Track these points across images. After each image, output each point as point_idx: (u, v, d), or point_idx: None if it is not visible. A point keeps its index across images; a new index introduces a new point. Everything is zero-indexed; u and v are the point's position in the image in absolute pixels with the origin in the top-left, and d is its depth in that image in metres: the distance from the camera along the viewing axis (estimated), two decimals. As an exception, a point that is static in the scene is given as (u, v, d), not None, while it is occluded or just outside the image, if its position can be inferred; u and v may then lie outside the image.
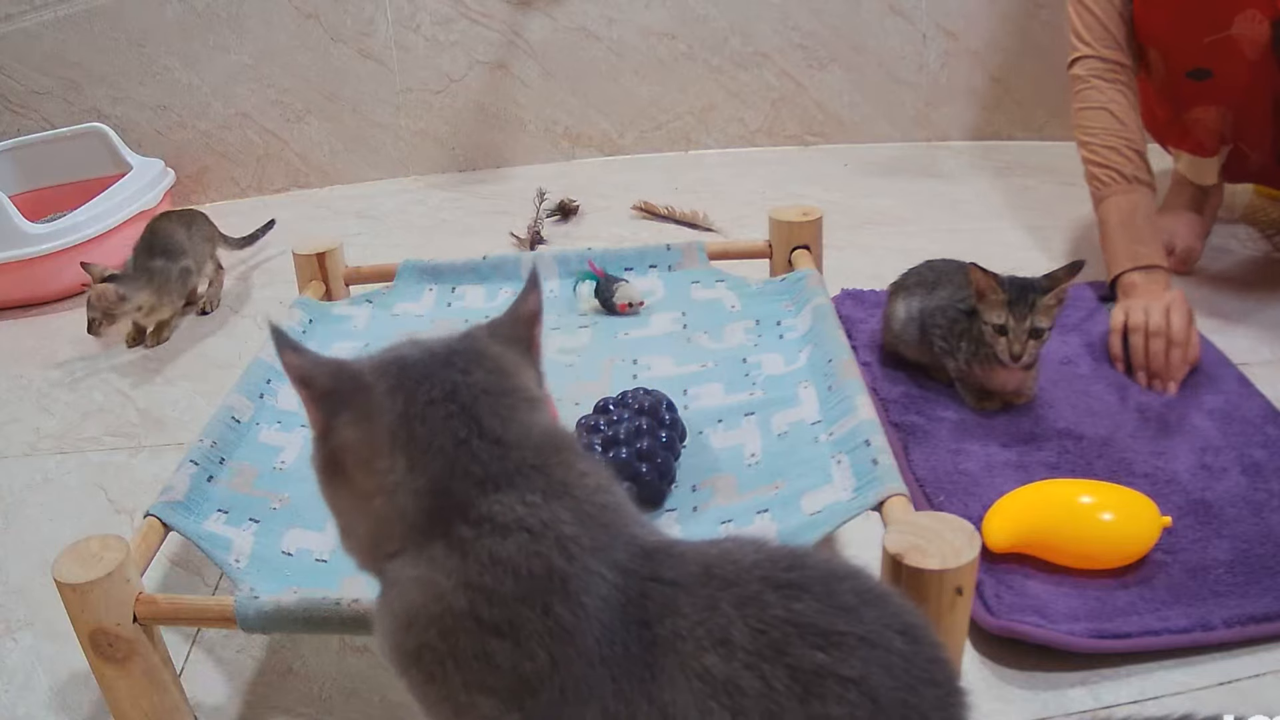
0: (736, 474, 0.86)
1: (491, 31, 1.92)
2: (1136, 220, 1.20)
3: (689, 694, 0.46)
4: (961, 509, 0.93)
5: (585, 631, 0.47)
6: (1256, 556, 0.85)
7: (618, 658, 0.47)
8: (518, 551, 0.48)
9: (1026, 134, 1.95)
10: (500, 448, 0.50)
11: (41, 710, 0.84)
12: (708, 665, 0.46)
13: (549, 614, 0.47)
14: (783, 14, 1.90)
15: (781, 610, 0.47)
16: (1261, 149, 1.31)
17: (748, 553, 0.50)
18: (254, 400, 0.99)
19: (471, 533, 0.49)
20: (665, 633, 0.47)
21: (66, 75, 1.89)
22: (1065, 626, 0.79)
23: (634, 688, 0.47)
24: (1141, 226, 1.20)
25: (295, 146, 1.99)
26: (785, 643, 0.46)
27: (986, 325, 1.03)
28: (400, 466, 0.50)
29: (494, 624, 0.47)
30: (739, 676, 0.45)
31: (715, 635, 0.46)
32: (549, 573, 0.48)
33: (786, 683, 0.45)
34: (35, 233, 1.55)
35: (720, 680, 0.46)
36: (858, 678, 0.45)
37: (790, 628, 0.46)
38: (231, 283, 1.63)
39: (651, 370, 1.03)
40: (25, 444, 1.23)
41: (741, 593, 0.48)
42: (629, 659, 0.47)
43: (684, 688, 0.46)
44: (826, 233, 1.18)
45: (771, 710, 0.45)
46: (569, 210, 1.75)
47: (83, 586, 0.68)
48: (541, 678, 0.47)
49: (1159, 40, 1.25)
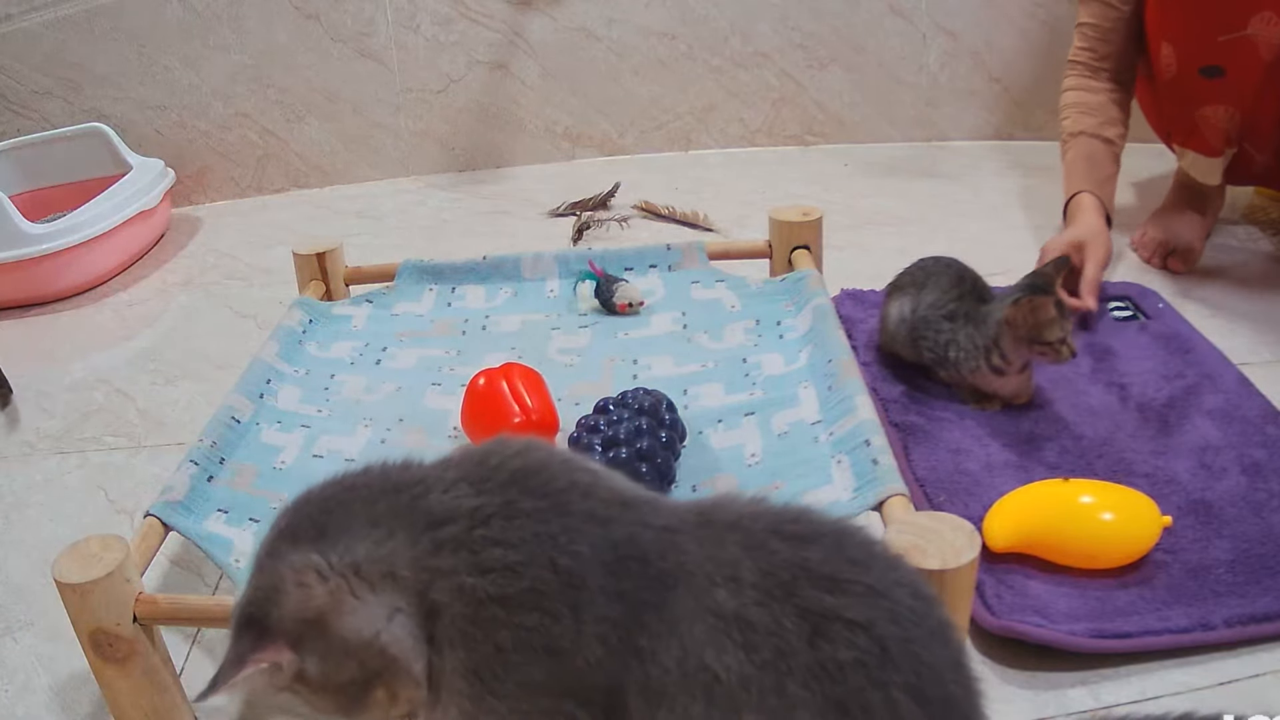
0: (737, 474, 0.86)
1: (491, 31, 1.92)
2: (1077, 163, 1.36)
3: (703, 627, 0.46)
4: (961, 509, 0.93)
5: (592, 573, 0.48)
6: (1257, 556, 0.85)
7: (627, 593, 0.47)
8: (504, 533, 0.49)
9: (1026, 134, 1.95)
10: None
11: (41, 710, 0.84)
12: (719, 599, 0.46)
13: (556, 569, 0.48)
14: (783, 14, 1.90)
15: (790, 555, 0.47)
16: (1268, 151, 1.32)
17: (743, 503, 0.51)
18: (254, 400, 0.99)
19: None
20: (670, 566, 0.48)
21: (66, 75, 1.89)
22: (1065, 626, 0.79)
23: (651, 620, 0.47)
24: (1080, 166, 1.35)
25: (295, 146, 1.99)
26: (794, 584, 0.46)
27: (1049, 344, 0.99)
28: None
29: (519, 600, 0.48)
30: (748, 612, 0.45)
31: (724, 571, 0.47)
32: (536, 538, 0.49)
33: (795, 621, 0.45)
34: (35, 233, 1.55)
35: (731, 615, 0.46)
36: (865, 622, 0.45)
37: (799, 570, 0.46)
38: (232, 282, 1.63)
39: (651, 370, 1.03)
40: (25, 444, 1.23)
41: (747, 538, 0.48)
42: (638, 595, 0.47)
43: (698, 620, 0.46)
44: (826, 233, 1.18)
45: (781, 649, 0.45)
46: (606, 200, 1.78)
47: (83, 586, 0.68)
48: (573, 641, 0.47)
49: (1173, 35, 1.25)
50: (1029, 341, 1.01)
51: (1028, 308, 0.99)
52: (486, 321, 1.16)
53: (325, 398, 1.03)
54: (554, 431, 0.91)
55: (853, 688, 0.44)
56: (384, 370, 1.08)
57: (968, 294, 1.08)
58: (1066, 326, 0.99)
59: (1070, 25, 1.53)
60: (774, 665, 0.44)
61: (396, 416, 0.99)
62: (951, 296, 1.08)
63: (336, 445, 0.95)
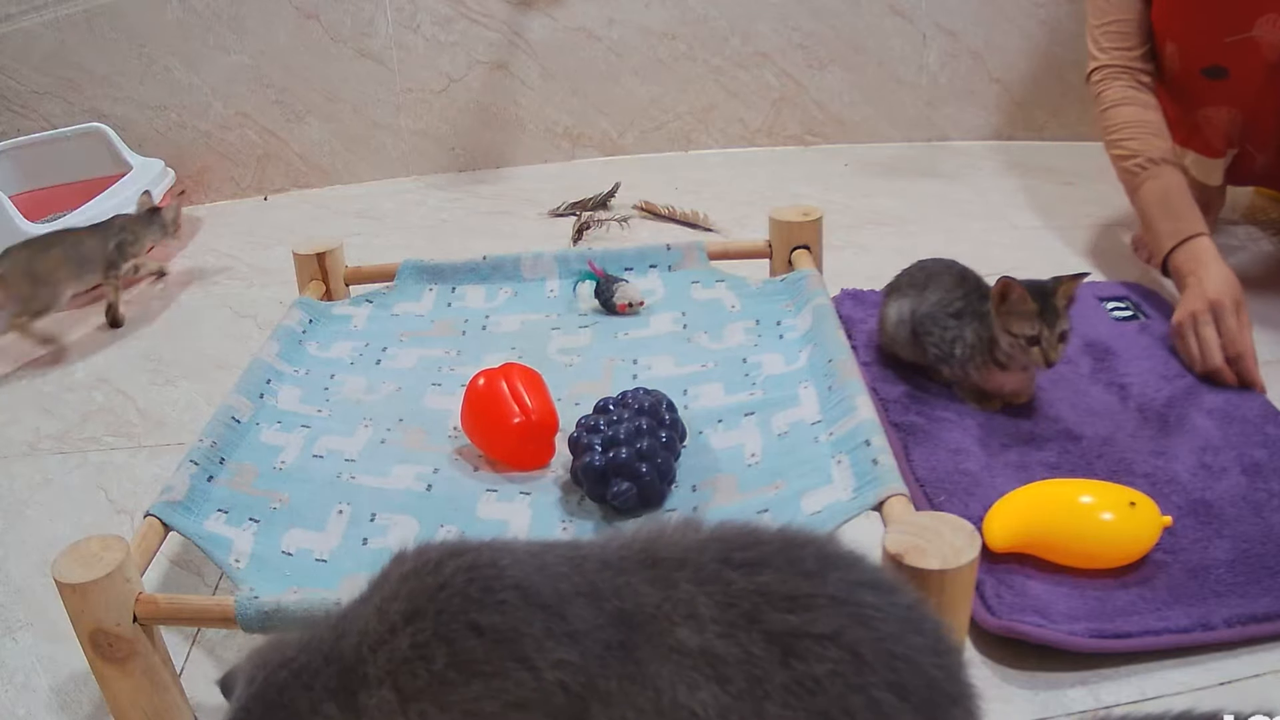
0: (737, 474, 0.86)
1: (491, 31, 1.92)
2: (1171, 199, 1.19)
3: (671, 667, 0.46)
4: (961, 509, 0.93)
5: (531, 620, 0.47)
6: (1257, 556, 0.85)
7: (580, 634, 0.47)
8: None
9: (1026, 134, 1.95)
10: None
11: (41, 710, 0.84)
12: (681, 638, 0.46)
13: (479, 631, 0.47)
14: (783, 14, 1.90)
15: (745, 583, 0.47)
16: (1269, 151, 1.32)
17: (688, 534, 0.50)
18: (254, 400, 0.99)
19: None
20: (628, 607, 0.47)
21: (66, 75, 1.89)
22: (1065, 626, 0.79)
23: (620, 665, 0.47)
24: (1176, 202, 1.19)
25: (295, 146, 1.99)
26: (755, 611, 0.46)
27: (1015, 337, 1.00)
28: None
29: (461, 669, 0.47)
30: (713, 646, 0.46)
31: (681, 611, 0.47)
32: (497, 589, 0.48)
33: (764, 647, 0.45)
34: (35, 233, 1.55)
35: (696, 651, 0.46)
36: (833, 633, 0.45)
37: (758, 597, 0.46)
38: (232, 282, 1.63)
39: (651, 370, 1.03)
40: (25, 444, 1.23)
41: (698, 573, 0.48)
42: (607, 639, 0.47)
43: (665, 661, 0.46)
44: (826, 233, 1.18)
45: (754, 675, 0.45)
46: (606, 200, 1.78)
47: (83, 586, 0.68)
48: (535, 691, 0.47)
49: (1177, 35, 1.25)
50: (1003, 329, 1.01)
51: (999, 287, 1.01)
52: (486, 321, 1.16)
53: (325, 398, 1.03)
54: (554, 432, 0.91)
55: (833, 697, 0.44)
56: (384, 370, 1.08)
57: (972, 293, 1.08)
58: (1045, 333, 0.99)
59: (1070, 25, 1.53)
60: (750, 692, 0.45)
61: (396, 416, 0.99)
62: (957, 295, 1.08)
63: (337, 445, 0.95)
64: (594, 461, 0.83)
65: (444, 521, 0.84)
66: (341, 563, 0.80)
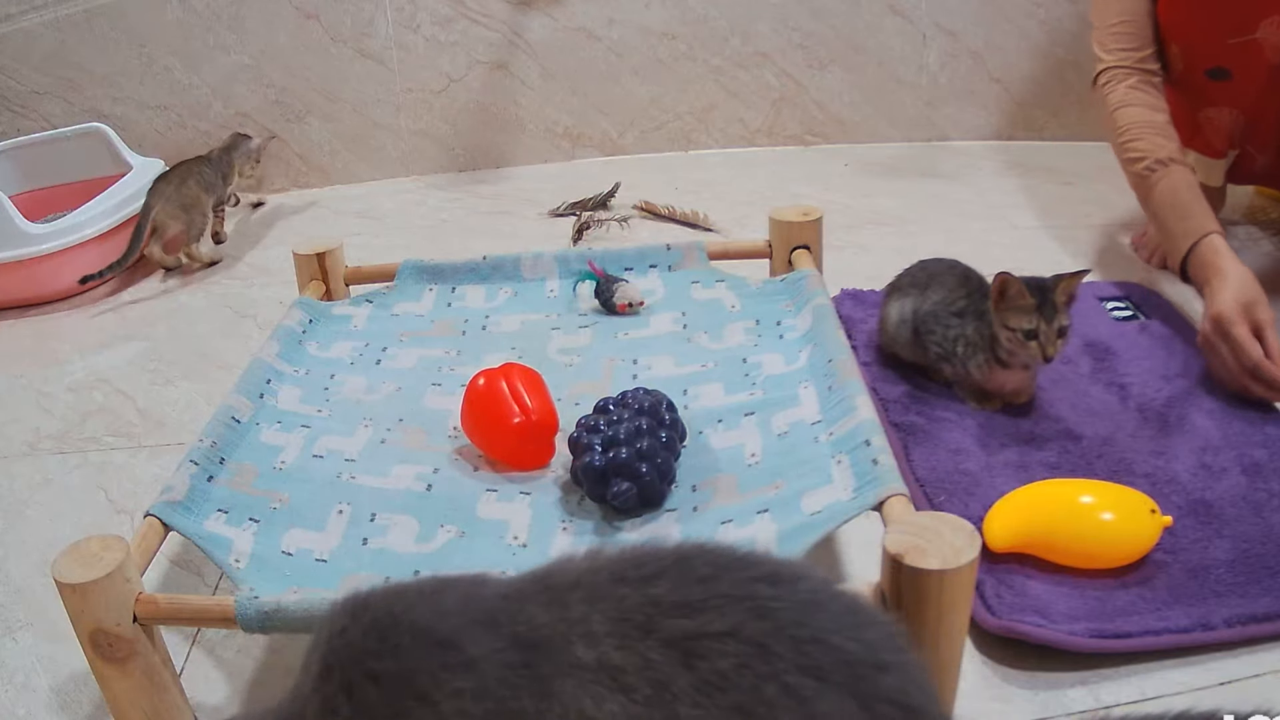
0: (737, 474, 0.86)
1: (491, 31, 1.92)
2: (1180, 198, 1.17)
3: (573, 683, 0.46)
4: (961, 509, 0.93)
5: (424, 655, 0.48)
6: (1257, 556, 0.85)
7: (479, 659, 0.47)
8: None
9: (1026, 134, 1.95)
10: None
11: (41, 710, 0.84)
12: (578, 654, 0.46)
13: (374, 678, 0.48)
14: (783, 14, 1.90)
15: (638, 597, 0.47)
16: (1269, 152, 1.32)
17: (585, 560, 0.51)
18: (254, 400, 0.98)
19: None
20: (523, 630, 0.48)
21: (66, 75, 1.89)
22: (1065, 626, 0.79)
23: (527, 684, 0.47)
24: (1187, 201, 1.16)
25: (295, 146, 1.99)
26: (648, 622, 0.46)
27: (1013, 331, 1.00)
28: None
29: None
30: (611, 658, 0.46)
31: (576, 630, 0.47)
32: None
33: (663, 652, 0.45)
34: (35, 233, 1.55)
35: (594, 665, 0.46)
36: (731, 629, 0.45)
37: (650, 608, 0.47)
38: (232, 282, 1.63)
39: (651, 370, 1.03)
40: (25, 444, 1.23)
41: (590, 593, 0.48)
42: (508, 660, 0.47)
43: (567, 678, 0.46)
44: (826, 233, 1.18)
45: (659, 680, 0.45)
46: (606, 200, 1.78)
47: (83, 586, 0.68)
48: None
49: (1181, 36, 1.24)
50: (1001, 325, 1.02)
51: (998, 282, 1.01)
52: (486, 321, 1.16)
53: (325, 398, 1.03)
54: (554, 431, 0.91)
55: (746, 690, 0.44)
56: (384, 370, 1.08)
57: (974, 292, 1.08)
58: (1043, 327, 0.99)
59: (1070, 25, 1.53)
60: (658, 697, 0.45)
61: (396, 416, 0.99)
62: (960, 294, 1.08)
63: (337, 445, 0.95)
64: (594, 461, 0.83)
65: (444, 521, 0.84)
66: (341, 563, 0.80)
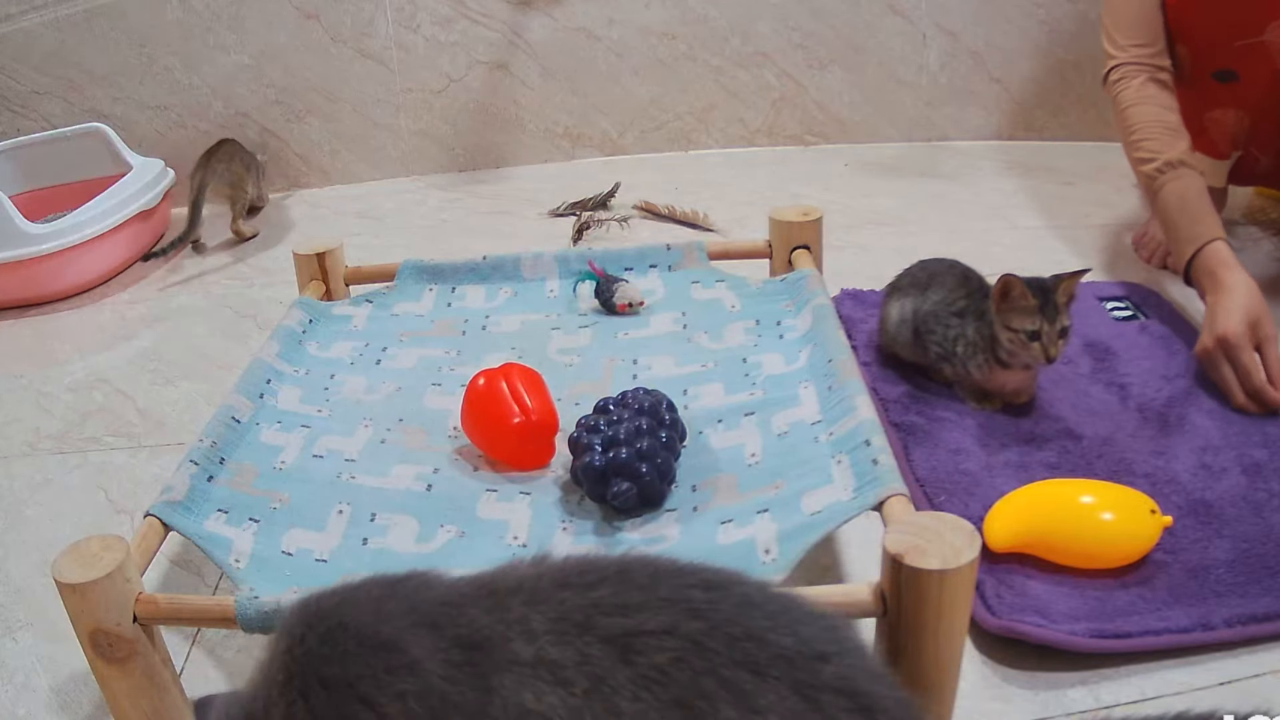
0: (737, 474, 0.86)
1: (491, 31, 1.92)
2: (1188, 201, 1.16)
3: (511, 677, 0.47)
4: (961, 509, 0.93)
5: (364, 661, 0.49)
6: (1257, 556, 0.85)
7: (434, 657, 0.48)
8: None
9: (1026, 134, 1.95)
10: None
11: (41, 710, 0.84)
12: (516, 650, 0.47)
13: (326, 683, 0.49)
14: (783, 14, 1.90)
15: (578, 600, 0.48)
16: (1272, 153, 1.31)
17: (529, 568, 0.52)
18: (254, 400, 0.99)
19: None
20: (464, 632, 0.49)
21: (66, 75, 1.89)
22: (1065, 626, 0.79)
23: (469, 679, 0.48)
24: (1193, 205, 1.15)
25: (295, 146, 1.99)
26: (587, 621, 0.47)
27: (1016, 332, 1.00)
28: None
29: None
30: (548, 653, 0.47)
31: (515, 629, 0.48)
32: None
33: (601, 648, 0.46)
34: (35, 233, 1.55)
35: (532, 660, 0.47)
36: (668, 627, 0.46)
37: (590, 609, 0.48)
38: (232, 282, 1.63)
39: (651, 370, 1.03)
40: (25, 444, 1.23)
41: (532, 596, 0.49)
42: (450, 659, 0.48)
43: (506, 673, 0.47)
44: (826, 233, 1.18)
45: (597, 674, 0.46)
46: (606, 200, 1.77)
47: (83, 586, 0.68)
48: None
49: (1189, 37, 1.24)
50: (1003, 326, 1.01)
51: (1000, 284, 1.01)
52: (486, 321, 1.16)
53: (325, 398, 1.03)
54: (554, 431, 0.91)
55: (685, 684, 0.45)
56: (384, 370, 1.08)
57: (975, 292, 1.08)
58: (1046, 328, 0.99)
59: (1070, 25, 1.53)
60: (597, 690, 0.45)
61: (396, 416, 0.99)
62: (960, 294, 1.08)
63: (336, 445, 0.95)
64: (594, 461, 0.83)
65: (444, 521, 0.84)
66: (341, 563, 0.80)
